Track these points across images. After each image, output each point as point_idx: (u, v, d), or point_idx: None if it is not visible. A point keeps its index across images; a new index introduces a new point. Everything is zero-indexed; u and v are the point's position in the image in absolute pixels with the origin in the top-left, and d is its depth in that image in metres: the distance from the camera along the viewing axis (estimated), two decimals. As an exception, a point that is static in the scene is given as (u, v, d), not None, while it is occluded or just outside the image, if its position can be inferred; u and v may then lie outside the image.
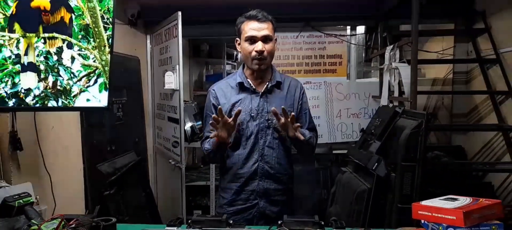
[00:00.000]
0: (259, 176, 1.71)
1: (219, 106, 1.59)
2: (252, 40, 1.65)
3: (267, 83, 1.74)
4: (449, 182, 2.68)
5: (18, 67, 1.39)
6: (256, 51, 1.64)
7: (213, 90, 1.78)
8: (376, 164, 2.02)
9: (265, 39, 1.65)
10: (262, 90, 1.72)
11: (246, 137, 1.71)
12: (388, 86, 2.84)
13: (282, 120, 1.60)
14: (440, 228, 1.13)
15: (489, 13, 2.81)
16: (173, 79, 2.87)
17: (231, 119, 1.57)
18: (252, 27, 1.65)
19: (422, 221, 1.25)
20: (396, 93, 2.71)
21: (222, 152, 1.72)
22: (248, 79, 1.74)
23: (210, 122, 1.59)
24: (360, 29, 3.53)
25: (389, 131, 2.19)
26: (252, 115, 1.70)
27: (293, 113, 1.60)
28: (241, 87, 1.73)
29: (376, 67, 3.50)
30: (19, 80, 1.40)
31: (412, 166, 1.87)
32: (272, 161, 1.72)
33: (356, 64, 3.53)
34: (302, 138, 1.65)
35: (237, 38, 1.74)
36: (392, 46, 2.72)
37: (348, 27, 3.50)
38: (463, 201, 1.20)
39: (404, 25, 3.42)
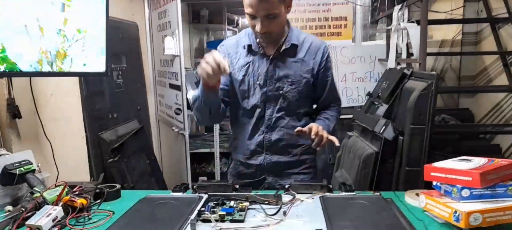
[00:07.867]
0: (266, 149, 1.57)
1: (226, 65, 1.28)
2: (252, 16, 1.39)
3: (279, 46, 1.50)
4: (456, 145, 2.64)
5: (10, 30, 1.32)
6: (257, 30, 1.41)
7: (223, 47, 1.59)
8: (384, 127, 1.97)
9: (267, 16, 1.37)
10: (273, 54, 1.51)
11: (252, 106, 1.54)
12: (395, 48, 2.75)
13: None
14: (454, 189, 1.09)
15: (503, -32, 2.68)
16: (173, 45, 2.79)
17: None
18: (249, 3, 1.35)
19: (434, 183, 1.21)
20: (404, 55, 2.63)
21: (211, 101, 1.45)
22: (258, 41, 1.51)
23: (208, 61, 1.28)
24: (366, -11, 3.39)
25: (396, 94, 2.13)
26: (259, 82, 1.51)
27: (299, 128, 1.37)
28: (250, 49, 1.53)
29: (382, 29, 3.38)
30: (11, 43, 1.33)
31: (421, 128, 1.81)
32: (281, 132, 1.55)
33: (361, 26, 3.41)
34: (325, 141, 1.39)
35: None
36: (400, 5, 2.61)
37: (354, -13, 3.36)
38: (478, 161, 1.15)
39: (412, -16, 3.28)
